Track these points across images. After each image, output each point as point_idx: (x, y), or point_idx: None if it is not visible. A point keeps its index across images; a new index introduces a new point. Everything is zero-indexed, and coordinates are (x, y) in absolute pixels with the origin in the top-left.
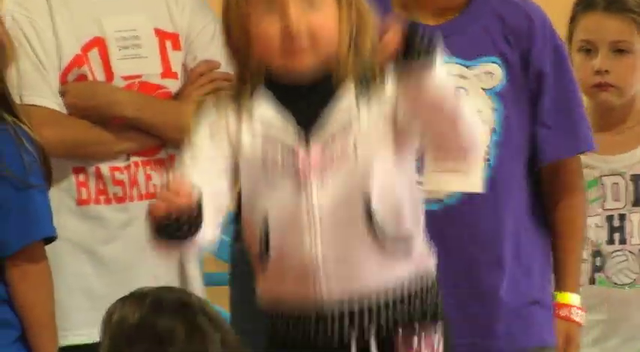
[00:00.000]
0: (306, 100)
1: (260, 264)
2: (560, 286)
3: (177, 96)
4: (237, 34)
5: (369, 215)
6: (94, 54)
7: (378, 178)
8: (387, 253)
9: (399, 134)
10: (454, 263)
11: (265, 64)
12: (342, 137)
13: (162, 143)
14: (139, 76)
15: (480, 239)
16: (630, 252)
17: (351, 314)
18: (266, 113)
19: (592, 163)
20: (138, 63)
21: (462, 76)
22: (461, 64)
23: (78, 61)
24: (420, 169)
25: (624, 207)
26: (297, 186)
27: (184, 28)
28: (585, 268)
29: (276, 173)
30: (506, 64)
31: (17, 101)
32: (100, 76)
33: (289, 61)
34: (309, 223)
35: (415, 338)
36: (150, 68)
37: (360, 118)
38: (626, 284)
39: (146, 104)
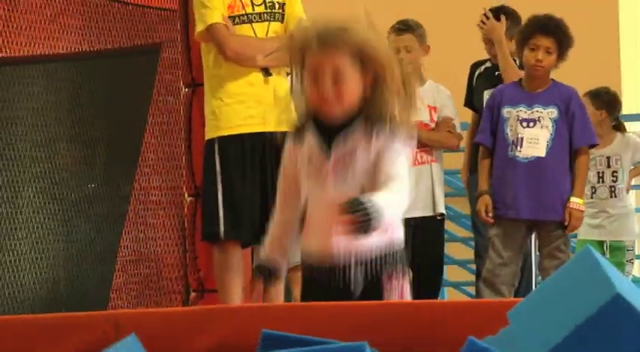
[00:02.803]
0: (335, 134)
1: (301, 229)
2: (572, 194)
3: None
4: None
5: None
6: None
7: (369, 183)
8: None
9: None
10: (533, 182)
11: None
12: (349, 157)
13: None
14: None
15: (542, 173)
16: None
17: (350, 265)
18: (312, 141)
19: None
20: None
21: (541, 112)
22: (541, 108)
23: None
24: (515, 144)
25: None
26: (322, 183)
27: None
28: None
29: (314, 176)
30: (559, 109)
31: None
32: None
33: (324, 111)
34: (327, 205)
35: (394, 278)
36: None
37: (361, 148)
38: None
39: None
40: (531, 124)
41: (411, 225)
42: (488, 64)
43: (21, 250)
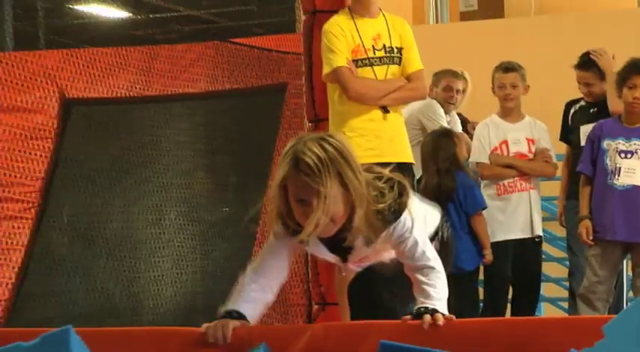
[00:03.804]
0: (334, 243)
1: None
2: None
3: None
4: (289, 210)
5: None
6: None
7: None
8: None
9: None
10: (629, 207)
11: None
12: (364, 259)
13: None
14: None
15: (637, 200)
16: None
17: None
18: (318, 249)
19: None
20: None
21: (639, 145)
22: (638, 141)
23: None
24: (613, 173)
25: None
26: (342, 267)
27: None
28: None
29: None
30: None
31: None
32: None
33: (318, 234)
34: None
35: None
36: None
37: (369, 250)
38: None
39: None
40: (629, 156)
41: (511, 245)
42: (582, 103)
43: (165, 266)
